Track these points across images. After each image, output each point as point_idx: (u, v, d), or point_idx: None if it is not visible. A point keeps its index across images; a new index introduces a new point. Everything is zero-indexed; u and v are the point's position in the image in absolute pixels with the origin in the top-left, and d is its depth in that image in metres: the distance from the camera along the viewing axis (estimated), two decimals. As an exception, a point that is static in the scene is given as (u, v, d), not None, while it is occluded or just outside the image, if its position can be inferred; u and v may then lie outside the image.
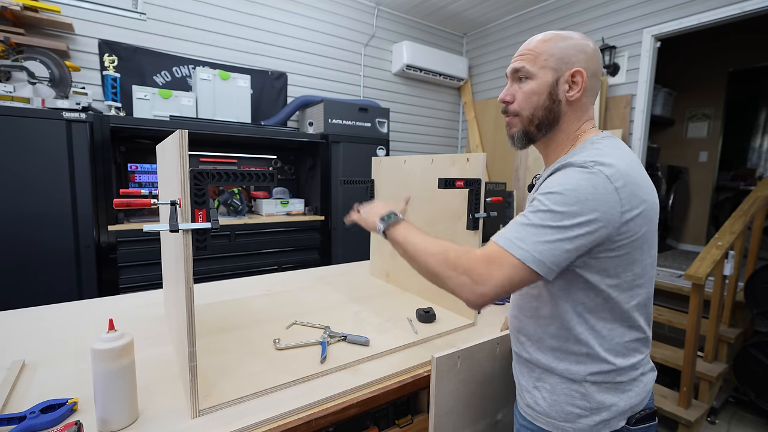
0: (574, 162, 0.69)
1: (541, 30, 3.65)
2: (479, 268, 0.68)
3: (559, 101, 0.79)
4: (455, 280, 0.71)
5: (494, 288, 0.67)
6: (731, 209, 3.33)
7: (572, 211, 0.65)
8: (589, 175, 0.66)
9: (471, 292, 0.69)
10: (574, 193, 0.65)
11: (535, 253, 0.66)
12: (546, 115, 0.80)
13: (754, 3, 2.46)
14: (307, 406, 0.79)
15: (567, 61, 0.77)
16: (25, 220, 1.87)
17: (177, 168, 0.69)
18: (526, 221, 0.68)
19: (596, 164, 0.67)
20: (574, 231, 0.65)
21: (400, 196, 1.50)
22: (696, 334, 1.98)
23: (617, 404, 0.74)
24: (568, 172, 0.68)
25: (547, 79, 0.78)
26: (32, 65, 2.03)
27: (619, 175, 0.66)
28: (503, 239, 0.69)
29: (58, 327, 1.13)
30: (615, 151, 0.72)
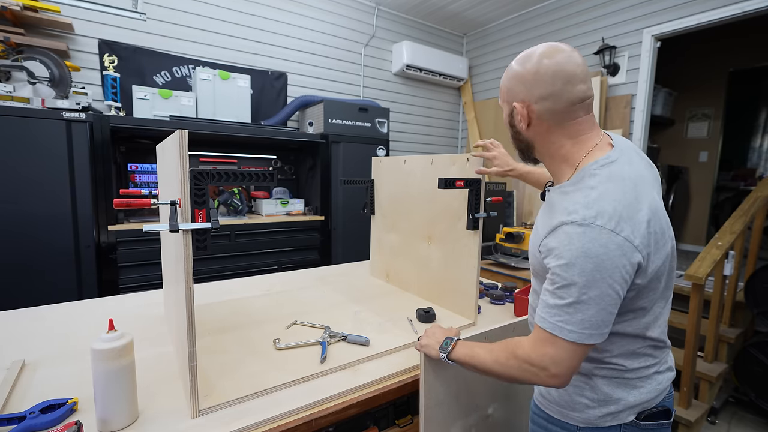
0: (572, 220, 0.69)
1: (541, 30, 3.67)
2: (544, 361, 0.70)
3: (518, 131, 0.83)
4: (527, 375, 0.73)
5: (569, 371, 0.70)
6: (731, 209, 3.33)
7: (593, 279, 0.66)
8: (592, 233, 0.66)
9: (545, 380, 0.71)
10: (586, 260, 0.66)
11: (585, 332, 0.67)
12: (518, 144, 0.86)
13: (754, 3, 2.46)
14: (307, 406, 0.79)
15: (511, 94, 0.81)
16: (26, 220, 1.87)
17: (177, 168, 0.69)
18: (561, 301, 0.69)
19: (595, 217, 0.67)
20: (604, 293, 0.66)
21: (401, 196, 1.51)
22: (696, 334, 1.98)
23: (626, 399, 0.76)
24: (570, 236, 0.68)
25: (506, 112, 0.84)
26: (32, 65, 2.03)
27: (619, 222, 0.66)
28: (549, 324, 0.70)
29: (58, 327, 1.13)
30: (609, 187, 0.70)
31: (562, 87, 0.74)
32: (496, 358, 0.77)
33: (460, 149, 4.61)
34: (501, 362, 0.76)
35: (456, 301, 1.27)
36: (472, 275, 1.20)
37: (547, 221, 0.77)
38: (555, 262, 0.70)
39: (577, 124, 0.77)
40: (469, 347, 0.84)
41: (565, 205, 0.73)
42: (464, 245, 1.22)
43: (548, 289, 0.72)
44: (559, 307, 0.69)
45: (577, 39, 3.40)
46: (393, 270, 1.60)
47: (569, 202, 0.72)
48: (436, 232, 1.34)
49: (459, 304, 1.26)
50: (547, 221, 0.77)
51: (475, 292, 1.20)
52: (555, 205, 0.77)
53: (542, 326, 0.71)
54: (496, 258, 2.43)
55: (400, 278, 1.56)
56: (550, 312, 0.70)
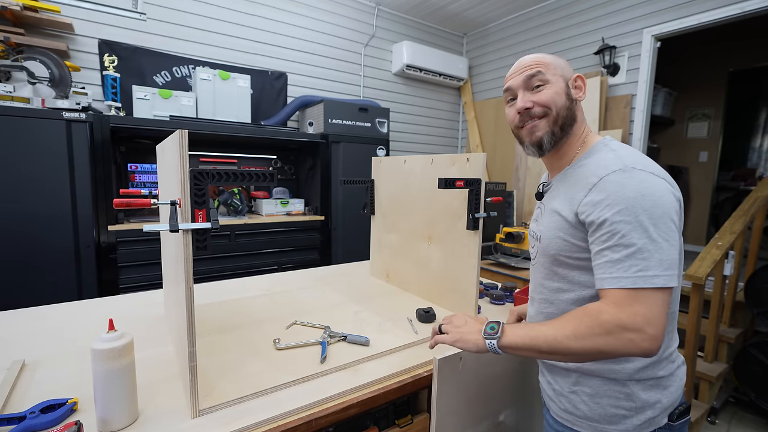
0: (615, 169, 0.72)
1: (541, 30, 3.67)
2: (637, 321, 0.63)
3: (573, 101, 0.86)
4: (620, 344, 0.64)
5: (662, 330, 0.63)
6: (731, 209, 3.33)
7: (656, 215, 0.66)
8: (640, 175, 0.70)
9: (642, 345, 0.63)
10: (644, 199, 0.67)
11: (667, 273, 0.65)
12: (568, 115, 0.85)
13: (754, 3, 2.46)
14: (307, 406, 0.79)
15: (568, 70, 0.87)
16: (26, 220, 1.87)
17: (177, 168, 0.69)
18: (631, 249, 0.65)
19: (634, 164, 0.71)
20: (669, 228, 0.67)
21: (401, 196, 1.51)
22: (696, 334, 1.98)
23: (661, 401, 0.75)
24: (620, 182, 0.70)
25: (562, 84, 0.85)
26: (32, 65, 2.03)
27: (656, 168, 0.72)
28: (629, 280, 0.65)
29: (58, 327, 1.13)
30: (629, 150, 0.78)
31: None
32: (575, 331, 0.66)
33: (460, 149, 4.61)
34: (582, 334, 0.65)
35: (456, 301, 1.27)
36: (472, 275, 1.20)
37: (574, 190, 0.78)
38: (610, 211, 0.68)
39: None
40: (524, 328, 0.73)
41: (595, 165, 0.76)
42: (464, 245, 1.22)
43: (608, 245, 0.68)
44: (631, 256, 0.65)
45: (577, 39, 3.40)
46: (393, 270, 1.60)
47: (598, 163, 0.76)
48: (436, 232, 1.34)
49: (459, 304, 1.26)
50: (574, 190, 0.78)
51: (475, 292, 1.20)
52: (577, 176, 0.79)
53: (620, 286, 0.65)
54: (496, 258, 2.43)
55: (400, 278, 1.56)
56: (622, 267, 0.65)
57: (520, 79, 0.85)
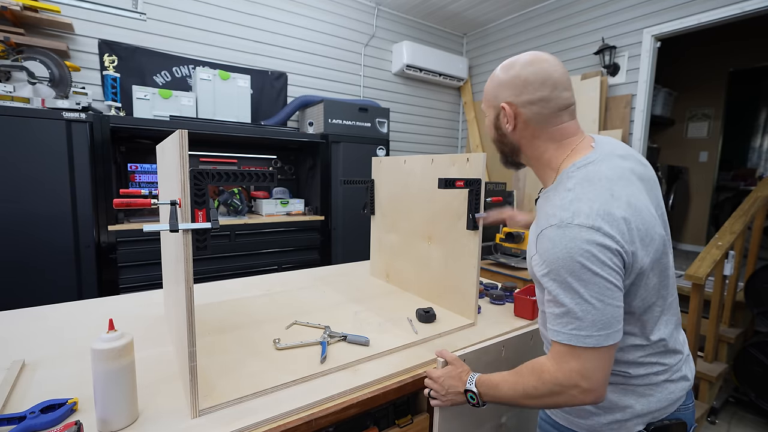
0: (551, 224, 0.70)
1: (541, 30, 3.67)
2: (572, 378, 0.67)
3: (504, 134, 0.85)
4: (563, 400, 0.70)
5: (601, 382, 0.67)
6: (731, 209, 3.33)
7: (586, 276, 0.65)
8: (571, 232, 0.67)
9: (581, 398, 0.68)
10: (571, 260, 0.66)
11: (601, 333, 0.65)
12: (502, 147, 0.88)
13: (754, 3, 2.46)
14: (307, 406, 0.79)
15: (497, 97, 0.82)
16: (26, 220, 1.87)
17: (177, 168, 0.69)
18: (564, 308, 0.68)
19: (572, 217, 0.67)
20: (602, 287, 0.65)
21: (401, 196, 1.51)
22: (696, 334, 1.98)
23: (633, 407, 0.74)
24: (552, 239, 0.69)
25: (492, 116, 0.86)
26: (32, 65, 2.03)
27: (596, 219, 0.66)
28: (564, 336, 0.68)
29: (58, 327, 1.13)
30: (585, 187, 0.71)
31: (549, 93, 0.77)
32: (525, 392, 0.73)
33: (460, 149, 4.61)
34: (531, 395, 0.72)
35: (456, 301, 1.27)
36: (472, 275, 1.20)
37: (535, 228, 0.78)
38: (544, 270, 0.70)
39: (562, 128, 0.79)
40: (493, 389, 0.79)
41: (546, 210, 0.74)
42: (464, 245, 1.22)
43: (549, 299, 0.71)
44: (565, 314, 0.67)
45: (577, 39, 3.40)
46: (393, 270, 1.60)
47: (549, 207, 0.73)
48: (436, 232, 1.34)
49: (459, 304, 1.26)
50: (535, 228, 0.78)
51: (475, 292, 1.20)
52: (540, 210, 0.79)
53: (557, 340, 0.69)
54: (496, 258, 2.43)
55: (400, 278, 1.56)
56: (560, 323, 0.69)
57: None
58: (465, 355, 0.97)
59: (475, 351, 1.00)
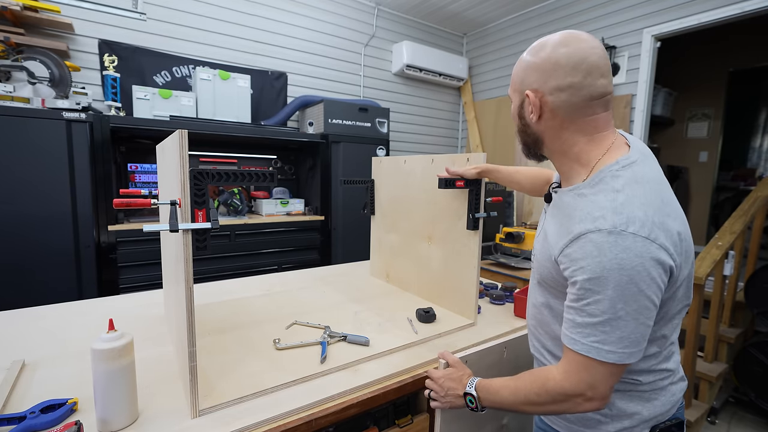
0: (600, 227, 0.63)
1: (541, 30, 3.67)
2: (580, 387, 0.65)
3: (527, 124, 0.77)
4: (566, 407, 0.68)
5: (607, 393, 0.65)
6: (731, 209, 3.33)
7: (630, 292, 0.60)
8: (625, 241, 0.61)
9: (584, 406, 0.67)
10: (621, 272, 0.60)
11: (626, 351, 0.62)
12: (524, 138, 0.80)
13: (754, 3, 2.46)
14: (307, 406, 0.79)
15: (524, 82, 0.75)
16: (25, 220, 1.87)
17: (177, 168, 0.69)
18: (594, 319, 0.63)
19: (626, 224, 0.61)
20: (642, 306, 0.62)
21: (401, 196, 1.51)
22: (696, 334, 1.98)
23: (640, 413, 0.73)
24: (600, 246, 0.62)
25: (516, 103, 0.78)
26: (32, 65, 2.03)
27: (653, 228, 0.61)
28: (584, 346, 0.64)
29: (58, 327, 1.13)
30: (636, 190, 0.65)
31: (582, 79, 0.68)
32: (527, 398, 0.71)
33: (460, 149, 4.61)
34: (533, 401, 0.71)
35: (456, 301, 1.27)
36: (472, 275, 1.20)
37: (563, 227, 0.71)
38: (582, 276, 0.63)
39: (593, 120, 0.71)
40: (493, 394, 0.77)
41: (588, 209, 0.66)
42: (464, 245, 1.22)
43: (574, 306, 0.66)
44: (592, 325, 0.63)
45: (577, 39, 3.39)
46: (393, 270, 1.60)
47: (592, 207, 0.66)
48: (436, 232, 1.34)
49: (459, 304, 1.26)
50: (563, 227, 0.71)
51: (475, 292, 1.20)
52: (571, 209, 0.70)
53: (575, 349, 0.65)
54: (496, 258, 2.43)
55: (400, 278, 1.56)
56: (582, 332, 0.64)
57: None
58: (467, 356, 0.96)
59: (477, 352, 1.00)
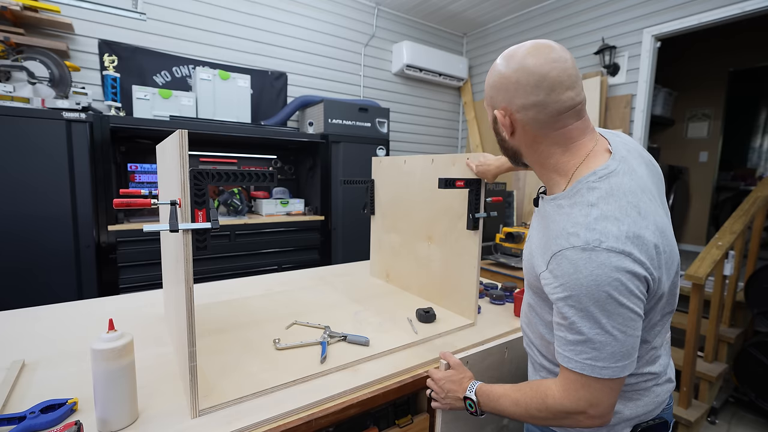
0: (575, 245, 0.63)
1: (541, 30, 3.67)
2: (580, 405, 0.65)
3: (503, 139, 0.78)
4: (566, 423, 0.68)
5: (609, 409, 0.66)
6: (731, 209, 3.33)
7: (611, 307, 0.61)
8: (599, 257, 0.61)
9: (585, 423, 0.67)
10: (598, 289, 0.60)
11: (618, 365, 0.63)
12: (504, 151, 0.81)
13: (754, 3, 2.46)
14: (307, 406, 0.79)
15: (494, 100, 0.75)
16: (25, 221, 1.87)
17: (177, 168, 0.69)
18: (582, 336, 0.63)
19: (600, 240, 0.61)
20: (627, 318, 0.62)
21: (401, 196, 1.51)
22: (696, 334, 1.98)
23: (622, 412, 0.73)
24: (575, 263, 0.62)
25: (490, 118, 0.79)
26: (32, 65, 2.03)
27: (627, 243, 0.61)
28: (578, 365, 0.64)
29: (58, 327, 1.13)
30: (611, 204, 0.64)
31: (545, 97, 0.67)
32: (528, 412, 0.72)
33: (460, 149, 4.61)
34: (534, 416, 0.71)
35: (456, 301, 1.27)
36: (472, 275, 1.20)
37: (543, 238, 0.72)
38: (562, 294, 0.64)
39: (567, 132, 0.70)
40: (493, 401, 0.78)
41: (563, 224, 0.67)
42: (464, 245, 1.22)
43: (562, 324, 0.66)
44: (582, 342, 0.63)
45: (577, 39, 3.40)
46: (393, 270, 1.60)
47: (567, 222, 0.66)
48: (436, 232, 1.34)
49: (459, 304, 1.26)
50: (543, 238, 0.72)
51: (475, 292, 1.20)
52: (550, 219, 0.71)
53: (569, 367, 0.65)
54: (496, 258, 2.43)
55: (400, 278, 1.56)
56: (573, 350, 0.64)
57: None
58: (468, 357, 0.96)
59: (479, 353, 1.00)
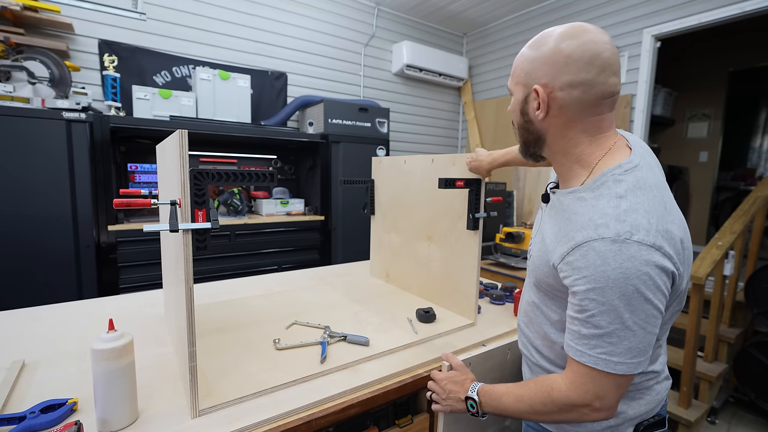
0: (604, 236, 0.61)
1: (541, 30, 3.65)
2: (587, 398, 0.65)
3: (530, 120, 0.72)
4: (571, 417, 0.68)
5: (615, 403, 0.65)
6: (731, 209, 3.33)
7: (636, 302, 0.59)
8: (630, 250, 0.59)
9: (591, 416, 0.66)
10: (626, 282, 0.59)
11: (634, 361, 0.62)
12: (525, 135, 0.75)
13: (754, 3, 2.46)
14: (307, 406, 0.79)
15: (532, 75, 0.69)
16: (25, 221, 1.87)
17: (177, 168, 0.69)
18: (600, 330, 0.61)
19: (631, 232, 0.59)
20: (649, 315, 0.61)
21: (401, 196, 1.51)
22: (696, 334, 1.98)
23: (626, 412, 0.73)
24: (604, 255, 0.60)
25: (519, 97, 0.73)
26: (32, 65, 2.03)
27: (657, 237, 0.60)
28: (591, 359, 0.63)
29: (58, 327, 1.13)
30: (639, 196, 0.63)
31: (595, 76, 0.64)
32: (532, 407, 0.70)
33: (460, 149, 4.61)
34: (538, 410, 0.70)
35: (456, 301, 1.27)
36: (472, 275, 1.20)
37: (562, 231, 0.69)
38: (585, 286, 0.62)
39: (599, 120, 0.68)
40: (495, 399, 0.76)
41: (589, 215, 0.64)
42: (464, 245, 1.22)
43: (578, 317, 0.64)
44: (598, 337, 0.62)
45: (577, 39, 3.39)
46: (393, 270, 1.60)
47: (594, 213, 0.64)
48: (436, 232, 1.34)
49: (459, 304, 1.26)
50: (562, 231, 0.69)
51: (475, 292, 1.20)
52: (571, 213, 0.68)
53: (582, 361, 0.64)
54: (496, 258, 2.43)
55: (400, 278, 1.56)
56: (588, 344, 0.63)
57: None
58: (470, 358, 0.96)
59: (481, 354, 0.99)
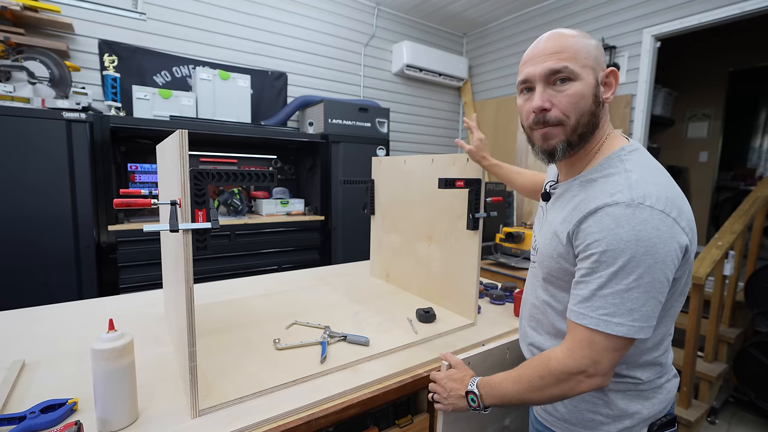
0: (618, 201, 0.64)
1: (542, 30, 3.66)
2: (583, 363, 0.65)
3: (601, 104, 0.73)
4: (569, 386, 0.67)
5: (610, 369, 0.65)
6: (731, 209, 3.33)
7: (645, 264, 0.60)
8: (642, 213, 0.61)
9: (587, 383, 0.66)
10: (638, 244, 0.60)
11: (635, 324, 0.62)
12: (591, 121, 0.73)
13: (754, 3, 2.46)
14: (307, 406, 0.79)
15: (600, 60, 0.73)
16: (25, 221, 1.87)
17: (177, 168, 0.69)
18: (606, 290, 0.62)
19: (643, 197, 0.62)
20: (656, 280, 0.61)
21: (401, 196, 1.51)
22: (696, 334, 1.98)
23: (641, 412, 0.73)
24: (618, 218, 0.62)
25: (591, 81, 0.71)
26: (32, 65, 2.03)
27: (668, 204, 0.63)
28: (592, 320, 0.63)
29: (58, 327, 1.13)
30: (646, 171, 0.68)
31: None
32: (530, 384, 0.70)
33: (460, 149, 4.61)
34: (537, 386, 0.69)
35: (456, 301, 1.27)
36: (472, 275, 1.20)
37: (576, 209, 0.71)
38: (598, 249, 0.63)
39: (607, 108, 0.77)
40: (495, 388, 0.76)
41: (601, 188, 0.68)
42: (464, 245, 1.22)
43: (585, 279, 0.65)
44: (602, 297, 0.62)
45: (577, 39, 3.39)
46: (393, 270, 1.60)
47: (606, 186, 0.67)
48: (436, 232, 1.34)
49: (459, 304, 1.26)
50: (576, 209, 0.71)
51: (475, 292, 1.20)
52: (583, 191, 0.72)
53: (583, 323, 0.64)
54: (496, 258, 2.43)
55: (400, 278, 1.56)
56: (590, 305, 0.64)
57: (541, 71, 0.71)
58: (470, 357, 0.96)
59: (480, 353, 1.00)
